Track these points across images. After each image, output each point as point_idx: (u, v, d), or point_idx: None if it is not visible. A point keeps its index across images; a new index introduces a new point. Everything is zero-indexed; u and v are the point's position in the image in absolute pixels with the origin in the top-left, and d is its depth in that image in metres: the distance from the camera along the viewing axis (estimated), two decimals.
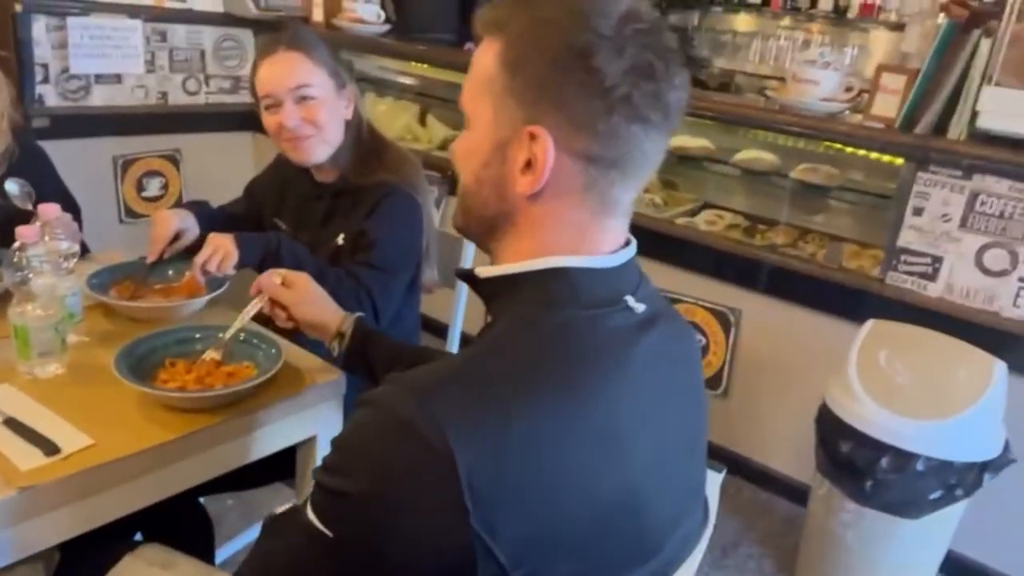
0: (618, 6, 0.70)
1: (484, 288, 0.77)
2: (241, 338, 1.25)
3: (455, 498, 0.60)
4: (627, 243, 0.78)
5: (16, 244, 1.14)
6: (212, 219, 1.62)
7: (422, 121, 3.43)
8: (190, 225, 1.55)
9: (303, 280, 1.24)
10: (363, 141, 1.57)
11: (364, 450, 0.65)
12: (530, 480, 0.63)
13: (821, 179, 2.39)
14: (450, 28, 3.59)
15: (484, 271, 0.76)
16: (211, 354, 1.21)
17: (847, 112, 2.28)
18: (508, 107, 0.71)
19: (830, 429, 1.87)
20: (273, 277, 1.22)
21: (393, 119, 3.36)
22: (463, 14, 3.58)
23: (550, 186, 0.71)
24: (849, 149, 2.24)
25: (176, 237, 1.52)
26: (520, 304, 0.72)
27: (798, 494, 2.25)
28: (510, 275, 0.74)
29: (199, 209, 1.61)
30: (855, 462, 1.79)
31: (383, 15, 3.32)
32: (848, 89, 2.22)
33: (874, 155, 2.19)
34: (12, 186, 1.36)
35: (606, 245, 0.75)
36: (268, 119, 1.50)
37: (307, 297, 1.23)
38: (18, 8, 2.75)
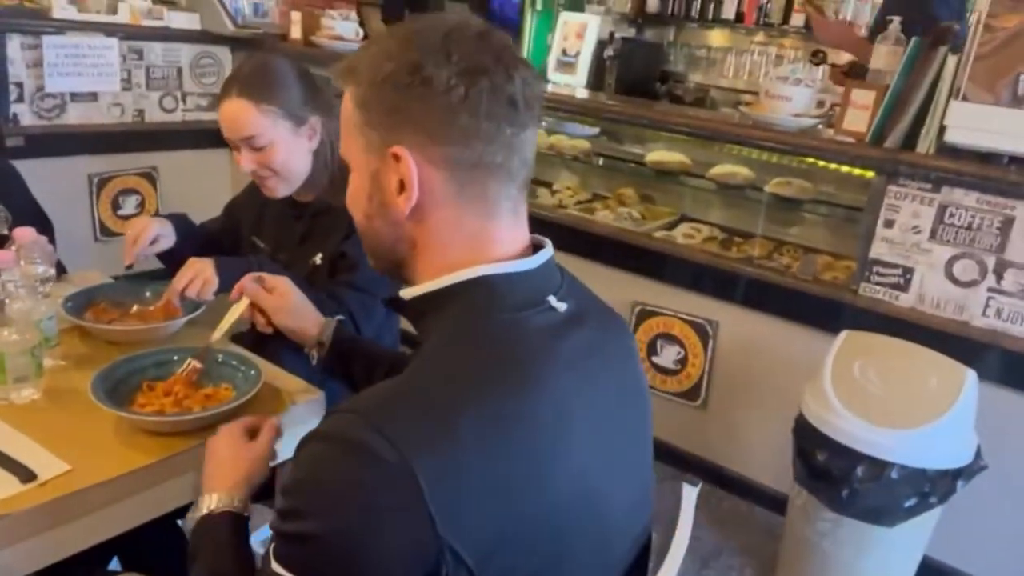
0: (443, 24, 0.75)
1: (412, 309, 0.80)
2: (220, 359, 1.25)
3: (422, 511, 0.61)
4: (539, 246, 0.82)
5: None
6: (190, 234, 1.62)
7: None
8: (167, 232, 1.55)
9: (284, 285, 1.24)
10: (335, 164, 1.57)
11: (320, 485, 0.65)
12: (486, 480, 0.65)
13: (794, 192, 2.43)
14: None
15: (408, 292, 0.80)
16: (193, 363, 1.21)
17: (819, 126, 2.32)
18: (370, 139, 0.76)
19: (807, 439, 1.89)
20: (255, 281, 1.23)
21: None
22: None
23: (426, 199, 0.75)
24: (821, 163, 2.28)
25: (152, 242, 1.52)
26: (447, 317, 0.75)
27: (777, 503, 2.27)
28: (433, 292, 0.77)
29: (178, 221, 1.61)
30: (831, 471, 1.81)
31: (361, 32, 3.34)
32: (820, 104, 2.26)
33: (845, 168, 2.24)
34: None
35: (512, 249, 0.79)
36: (235, 155, 1.52)
37: (288, 303, 1.23)
38: None
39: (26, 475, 0.98)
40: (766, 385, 2.35)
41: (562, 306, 0.79)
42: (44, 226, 1.68)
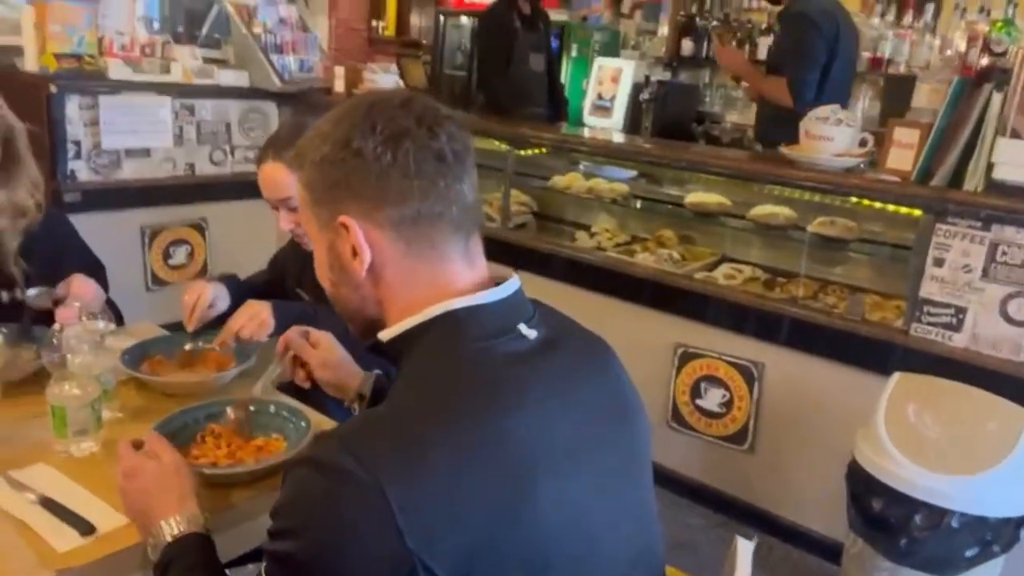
0: (368, 99, 0.83)
1: (391, 350, 0.85)
2: (271, 410, 1.27)
3: (392, 526, 0.67)
4: (501, 281, 0.86)
5: (56, 326, 1.18)
6: (240, 294, 1.66)
7: None
8: (222, 295, 1.59)
9: (327, 340, 1.27)
10: None
11: (300, 504, 0.73)
12: (456, 499, 0.70)
13: (839, 232, 2.40)
14: (542, 102, 4.07)
15: (385, 334, 0.84)
16: (235, 412, 1.23)
17: (862, 165, 2.30)
18: (320, 215, 0.84)
19: (861, 485, 1.84)
20: (299, 335, 1.26)
21: None
22: (552, 92, 4.17)
23: (379, 259, 0.82)
24: (866, 202, 2.26)
25: (210, 306, 1.56)
26: (420, 350, 0.81)
27: (830, 551, 2.20)
28: (406, 331, 0.82)
29: (228, 282, 1.66)
30: (888, 519, 1.76)
31: (401, 83, 3.43)
32: (862, 143, 2.25)
33: (891, 207, 2.21)
34: (32, 292, 1.39)
35: (473, 286, 0.83)
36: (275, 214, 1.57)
37: (331, 357, 1.26)
38: (53, 89, 2.87)
39: (85, 528, 1.00)
40: (816, 428, 2.29)
41: (532, 333, 0.83)
42: (95, 267, 1.74)
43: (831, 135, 2.23)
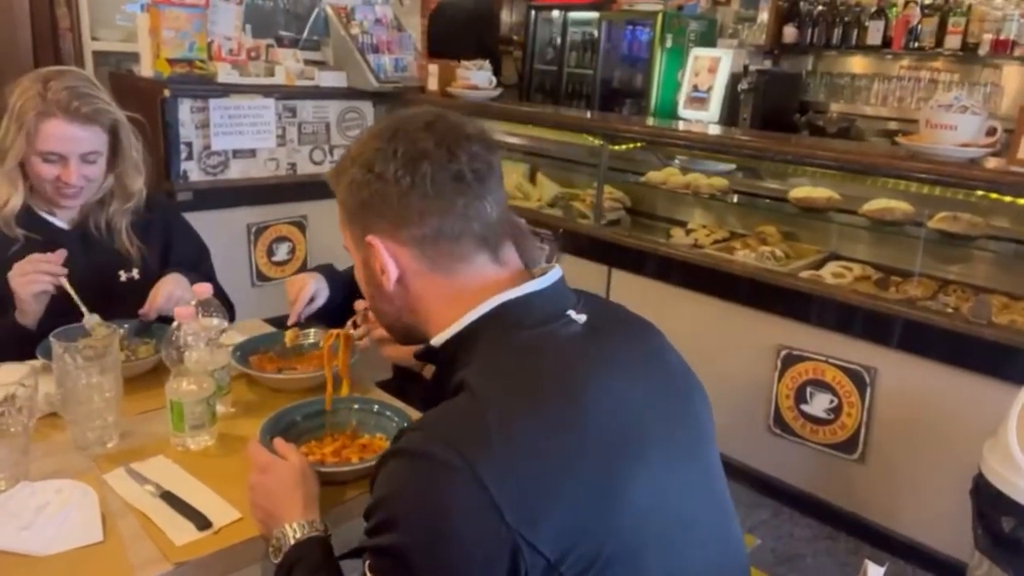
0: (395, 121, 0.87)
1: (443, 354, 0.87)
2: (375, 409, 1.28)
3: (488, 503, 0.69)
4: (541, 272, 0.89)
5: (175, 324, 1.23)
6: (337, 283, 1.69)
7: (532, 179, 3.49)
8: (322, 287, 1.62)
9: None
10: None
11: (398, 497, 0.74)
12: (553, 474, 0.72)
13: (963, 228, 2.24)
14: None
15: (438, 339, 0.87)
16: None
17: (987, 156, 2.13)
18: (353, 233, 0.90)
19: (989, 502, 1.70)
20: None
21: (504, 178, 3.42)
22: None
23: (405, 274, 0.87)
24: (993, 195, 2.09)
25: (311, 300, 1.59)
26: (481, 346, 0.83)
27: (950, 570, 2.06)
28: (460, 331, 0.85)
29: (326, 272, 1.68)
30: (1019, 539, 1.62)
31: (495, 81, 3.43)
32: (990, 132, 2.08)
33: (1021, 200, 2.03)
34: (91, 319, 1.45)
35: (513, 280, 0.87)
36: None
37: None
38: (166, 93, 3.02)
39: (202, 522, 1.03)
40: (935, 439, 2.15)
41: (582, 317, 0.87)
42: (201, 252, 1.84)
43: (955, 123, 2.08)
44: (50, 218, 1.61)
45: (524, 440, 0.73)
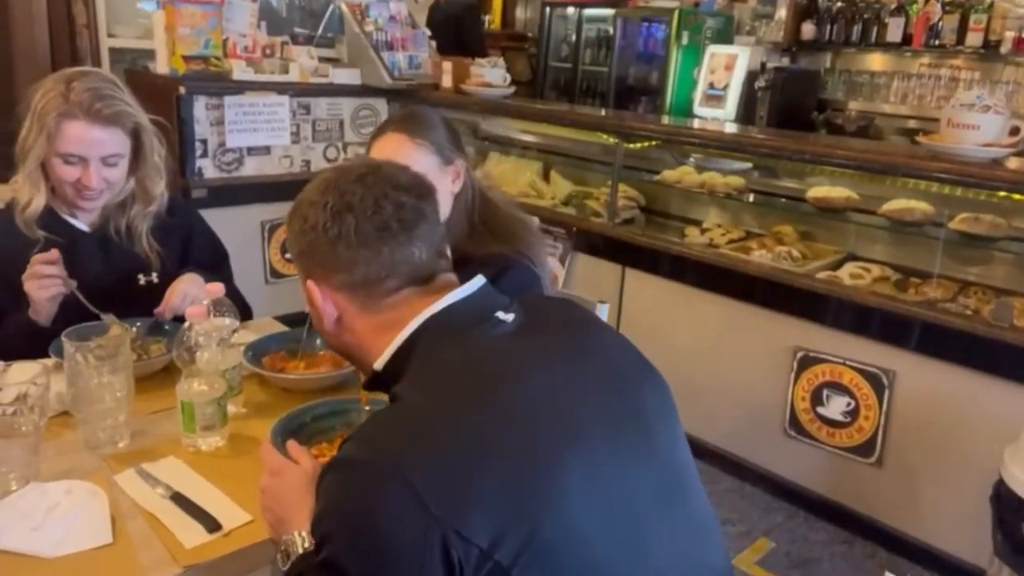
0: (332, 174, 0.95)
1: (384, 377, 0.92)
2: None
3: (414, 497, 0.71)
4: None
5: (186, 323, 1.22)
6: None
7: (546, 177, 3.47)
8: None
9: None
10: (473, 211, 1.57)
11: (334, 507, 0.78)
12: (476, 466, 0.74)
13: (985, 229, 2.20)
14: None
15: (378, 363, 0.93)
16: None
17: (1009, 156, 2.10)
18: (300, 276, 0.97)
19: (1010, 509, 1.68)
20: None
21: (517, 176, 3.42)
22: None
23: (343, 315, 0.94)
24: (1016, 196, 2.05)
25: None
26: (414, 360, 0.88)
27: None
28: (395, 352, 0.91)
29: None
30: None
31: (508, 78, 3.41)
32: (1013, 132, 2.04)
33: None
34: (108, 318, 1.44)
35: (438, 296, 0.91)
36: None
37: None
38: (182, 91, 3.02)
39: (212, 525, 1.03)
40: (954, 443, 2.11)
41: (510, 316, 0.91)
42: (220, 258, 1.83)
43: (977, 123, 2.04)
44: (71, 220, 1.61)
45: (446, 434, 0.77)
